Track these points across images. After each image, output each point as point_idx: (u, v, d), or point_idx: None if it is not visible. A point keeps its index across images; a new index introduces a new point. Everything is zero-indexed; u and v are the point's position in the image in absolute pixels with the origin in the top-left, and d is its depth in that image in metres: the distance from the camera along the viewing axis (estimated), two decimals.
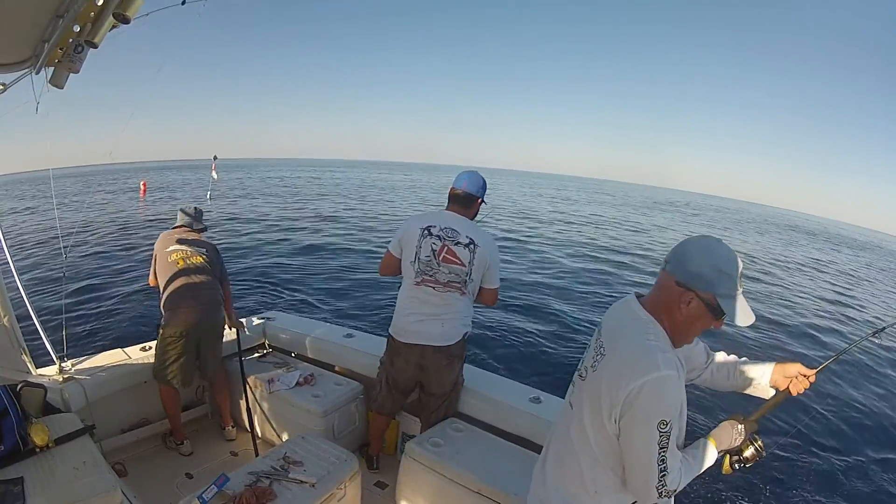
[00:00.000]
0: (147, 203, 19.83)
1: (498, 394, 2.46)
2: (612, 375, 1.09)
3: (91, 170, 51.55)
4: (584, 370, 1.23)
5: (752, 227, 36.19)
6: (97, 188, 26.42)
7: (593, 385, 1.15)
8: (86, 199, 16.26)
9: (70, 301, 6.25)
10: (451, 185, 2.36)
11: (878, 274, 20.10)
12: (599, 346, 1.19)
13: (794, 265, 17.38)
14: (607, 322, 1.26)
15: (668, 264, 1.14)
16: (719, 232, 26.88)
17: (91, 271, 7.85)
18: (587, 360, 1.24)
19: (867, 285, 15.91)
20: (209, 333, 2.74)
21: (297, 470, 1.85)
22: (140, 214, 15.97)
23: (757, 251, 19.72)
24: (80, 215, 11.69)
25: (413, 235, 2.24)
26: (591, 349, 1.25)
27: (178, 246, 2.78)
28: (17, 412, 1.80)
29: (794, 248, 24.82)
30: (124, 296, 6.76)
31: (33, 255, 8.24)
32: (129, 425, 2.67)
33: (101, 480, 1.66)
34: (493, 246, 2.28)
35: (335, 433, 2.58)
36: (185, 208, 3.04)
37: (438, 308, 2.24)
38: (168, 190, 26.37)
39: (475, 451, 2.13)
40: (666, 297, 1.13)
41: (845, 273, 18.02)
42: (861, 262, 24.03)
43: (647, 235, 19.46)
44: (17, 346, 2.18)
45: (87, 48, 1.56)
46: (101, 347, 2.73)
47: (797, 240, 30.83)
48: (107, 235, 10.65)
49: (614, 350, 1.14)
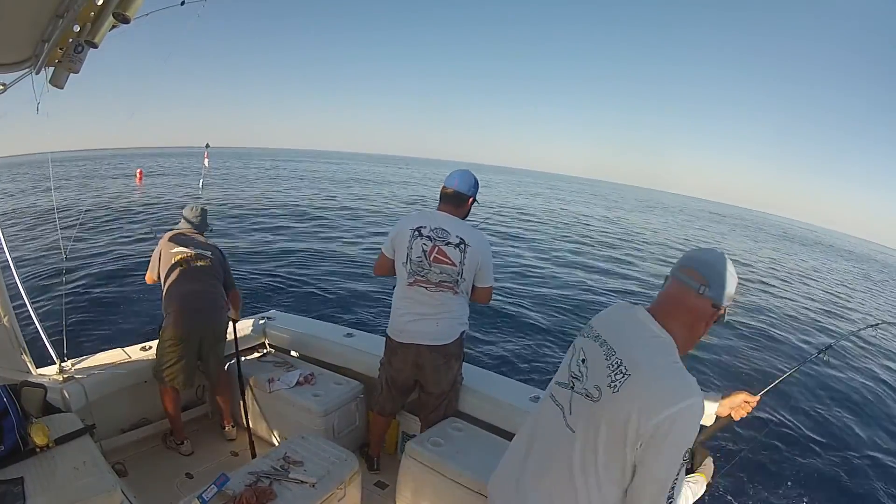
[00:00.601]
0: (144, 188, 19.94)
1: (498, 393, 2.46)
2: (646, 401, 1.02)
3: (87, 154, 51.48)
4: (593, 390, 1.11)
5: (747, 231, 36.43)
6: (92, 173, 26.48)
7: (616, 409, 1.06)
8: (83, 191, 16.25)
9: (70, 301, 6.24)
10: (443, 183, 2.35)
11: (866, 283, 20.25)
12: (616, 364, 1.09)
13: (788, 273, 17.45)
14: (611, 334, 1.18)
15: (705, 288, 1.13)
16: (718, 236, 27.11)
17: (91, 270, 7.85)
18: (595, 376, 1.13)
19: (856, 294, 15.99)
20: (210, 337, 2.74)
21: (297, 470, 1.85)
22: (137, 195, 15.97)
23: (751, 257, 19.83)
24: (79, 209, 11.65)
25: (404, 236, 2.24)
26: (595, 363, 1.15)
27: (182, 248, 2.77)
28: (17, 412, 1.80)
29: (787, 255, 25.02)
30: (124, 295, 6.76)
31: (33, 255, 8.23)
32: (129, 425, 2.67)
33: (101, 480, 1.66)
34: (484, 245, 2.28)
35: (335, 433, 2.58)
36: (192, 209, 3.03)
37: (432, 308, 2.24)
38: (164, 176, 26.40)
39: (475, 451, 2.13)
40: (692, 316, 1.15)
41: (838, 282, 18.10)
42: (855, 272, 24.12)
43: (641, 236, 19.52)
44: (17, 346, 2.18)
45: (87, 48, 1.56)
46: (101, 347, 2.72)
47: (792, 249, 31.11)
48: (106, 231, 10.64)
49: (640, 372, 1.06)
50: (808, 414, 5.64)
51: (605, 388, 1.09)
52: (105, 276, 7.64)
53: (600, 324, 1.24)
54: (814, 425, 5.41)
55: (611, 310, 1.29)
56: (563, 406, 1.19)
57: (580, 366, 1.19)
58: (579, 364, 1.20)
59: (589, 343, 1.21)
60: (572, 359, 1.24)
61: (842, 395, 6.34)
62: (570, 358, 1.26)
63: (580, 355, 1.21)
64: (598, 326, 1.23)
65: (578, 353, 1.23)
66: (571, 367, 1.22)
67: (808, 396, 6.07)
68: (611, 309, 1.29)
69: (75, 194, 16.36)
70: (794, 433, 5.16)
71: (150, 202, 15.06)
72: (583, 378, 1.17)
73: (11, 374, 2.11)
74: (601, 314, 1.29)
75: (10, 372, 2.13)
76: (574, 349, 1.26)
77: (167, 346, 2.59)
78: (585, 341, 1.23)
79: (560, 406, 1.20)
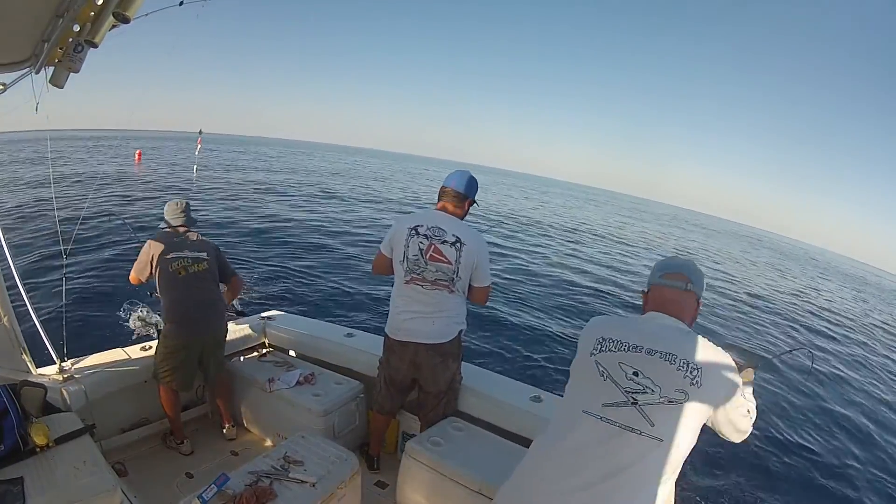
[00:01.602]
0: (142, 171, 19.93)
1: (498, 393, 2.46)
2: (725, 383, 1.25)
3: (87, 134, 51.46)
4: (676, 393, 1.20)
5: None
6: (88, 151, 26.51)
7: (707, 399, 1.23)
8: (83, 188, 16.24)
9: (70, 301, 6.24)
10: (442, 183, 2.36)
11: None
12: (685, 364, 1.22)
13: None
14: (656, 342, 1.28)
15: (691, 284, 1.40)
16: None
17: (91, 270, 7.84)
18: (669, 382, 1.21)
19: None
20: (211, 343, 2.74)
21: (297, 469, 1.85)
22: (137, 173, 15.77)
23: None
24: (80, 208, 11.64)
25: (402, 235, 2.25)
26: (659, 371, 1.23)
27: (178, 253, 2.71)
28: (18, 412, 1.80)
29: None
30: (125, 295, 6.75)
31: (33, 255, 8.23)
32: (129, 425, 2.67)
33: (101, 480, 1.66)
34: (481, 244, 2.27)
35: (335, 432, 2.58)
36: (175, 205, 2.88)
37: (428, 306, 2.25)
38: (162, 159, 26.39)
39: (476, 451, 2.13)
40: (692, 311, 1.41)
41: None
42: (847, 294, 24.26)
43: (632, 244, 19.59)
44: (17, 346, 2.17)
45: (87, 48, 1.56)
46: (101, 347, 2.72)
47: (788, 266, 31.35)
48: (107, 231, 10.63)
49: (707, 364, 1.24)
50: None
51: (688, 387, 1.21)
52: (105, 275, 7.63)
53: (628, 336, 1.31)
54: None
55: (625, 322, 1.41)
56: (630, 425, 1.20)
57: (635, 381, 1.24)
58: (633, 379, 1.24)
59: (630, 356, 1.27)
60: (615, 377, 1.26)
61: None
62: (606, 375, 1.27)
63: (626, 371, 1.26)
64: (628, 339, 1.30)
65: (621, 370, 1.26)
66: (621, 384, 1.24)
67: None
68: (622, 321, 1.41)
69: (79, 188, 16.35)
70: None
71: (150, 196, 15.08)
72: (650, 389, 1.22)
73: (11, 374, 2.11)
74: (615, 327, 1.36)
75: (10, 372, 2.13)
76: (602, 366, 1.29)
77: (168, 353, 2.59)
78: (618, 356, 1.28)
79: (628, 427, 1.20)
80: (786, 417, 5.86)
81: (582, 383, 1.34)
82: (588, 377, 1.31)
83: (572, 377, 1.39)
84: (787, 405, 6.20)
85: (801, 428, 5.73)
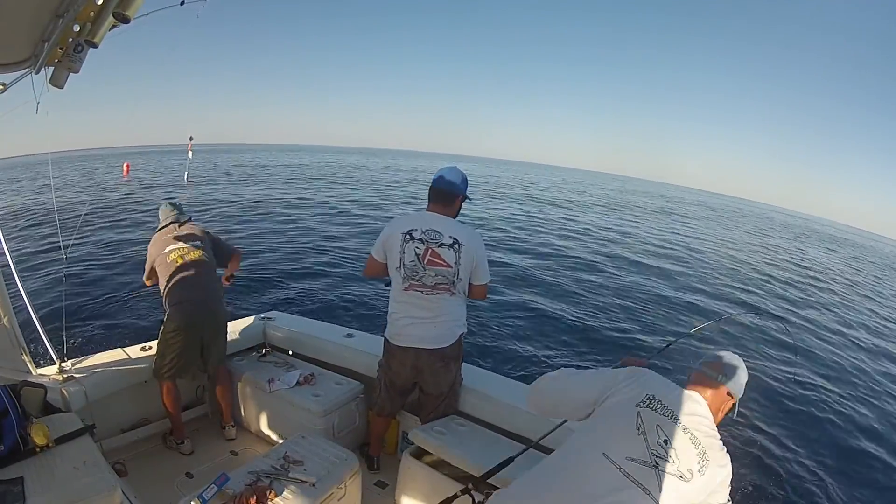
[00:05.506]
0: (131, 181, 20.18)
1: (498, 393, 2.46)
2: (721, 479, 1.32)
3: (81, 154, 51.76)
4: (687, 472, 1.28)
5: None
6: (89, 171, 26.80)
7: (702, 488, 1.29)
8: (82, 191, 16.30)
9: (70, 301, 6.24)
10: (431, 182, 2.29)
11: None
12: (702, 453, 1.31)
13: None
14: (686, 419, 1.35)
15: (723, 377, 1.47)
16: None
17: (91, 270, 7.85)
18: (686, 461, 1.29)
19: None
20: (211, 325, 2.74)
21: (297, 469, 1.85)
22: (125, 180, 15.79)
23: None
24: (79, 209, 11.67)
25: (395, 241, 2.20)
26: (684, 449, 1.30)
27: (174, 245, 2.78)
28: (18, 412, 1.80)
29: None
30: (124, 295, 6.76)
31: (33, 255, 8.24)
32: (129, 425, 2.67)
33: (101, 480, 1.66)
34: (478, 242, 2.25)
35: (335, 432, 2.58)
36: (167, 206, 2.99)
37: (430, 312, 2.22)
38: (150, 172, 26.73)
39: (478, 445, 2.13)
40: (719, 401, 1.47)
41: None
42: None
43: (637, 236, 19.42)
44: (17, 346, 2.18)
45: (87, 48, 1.57)
46: (101, 347, 2.72)
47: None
48: (106, 231, 10.64)
49: (715, 460, 1.32)
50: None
51: (696, 472, 1.29)
52: (105, 276, 7.64)
53: (674, 407, 1.38)
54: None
55: (676, 392, 1.44)
56: (644, 484, 1.25)
57: (664, 447, 1.30)
58: (662, 445, 1.31)
59: (669, 424, 1.34)
60: (648, 435, 1.31)
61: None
62: (642, 431, 1.32)
63: (660, 435, 1.32)
64: (674, 410, 1.37)
65: (656, 433, 1.32)
66: (652, 446, 1.30)
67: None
68: (676, 390, 1.45)
69: (74, 194, 16.41)
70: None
71: (138, 198, 15.17)
72: (672, 461, 1.29)
73: (11, 374, 2.11)
74: (668, 393, 1.42)
75: (10, 372, 2.13)
76: (642, 420, 1.34)
77: (170, 336, 2.60)
78: (660, 419, 1.34)
79: (641, 485, 1.25)
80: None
81: (613, 426, 1.37)
82: (623, 424, 1.35)
83: (605, 415, 1.41)
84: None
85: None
